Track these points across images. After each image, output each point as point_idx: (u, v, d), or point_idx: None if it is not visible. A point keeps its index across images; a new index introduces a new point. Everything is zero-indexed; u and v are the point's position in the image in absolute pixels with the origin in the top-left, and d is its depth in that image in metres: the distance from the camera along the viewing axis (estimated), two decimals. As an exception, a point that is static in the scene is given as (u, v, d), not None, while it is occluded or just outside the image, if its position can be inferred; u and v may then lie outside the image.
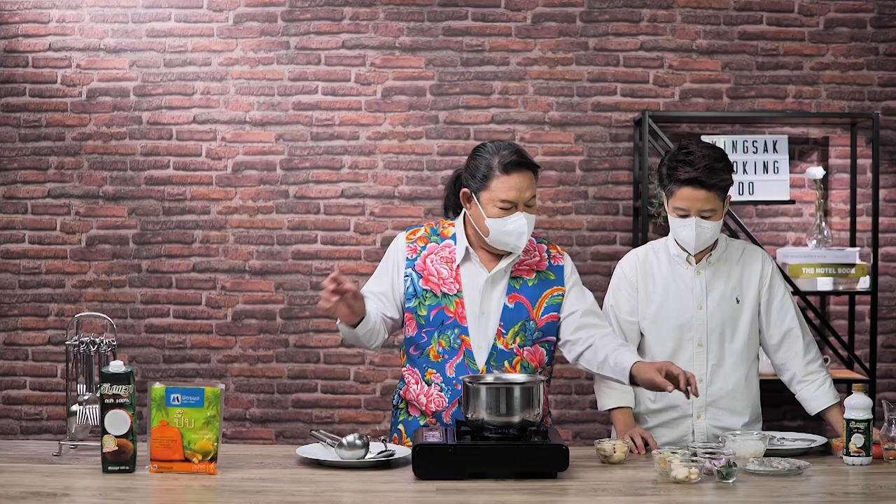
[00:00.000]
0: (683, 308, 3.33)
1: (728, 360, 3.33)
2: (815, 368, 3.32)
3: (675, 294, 3.34)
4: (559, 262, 3.25)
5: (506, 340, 3.15)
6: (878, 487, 2.69)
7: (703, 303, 3.32)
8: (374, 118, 4.91)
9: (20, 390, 4.95)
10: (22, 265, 4.93)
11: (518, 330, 3.16)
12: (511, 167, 3.07)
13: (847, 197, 4.90)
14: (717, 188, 3.20)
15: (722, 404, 3.32)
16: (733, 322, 3.33)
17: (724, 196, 3.24)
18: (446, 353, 3.14)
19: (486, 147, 3.14)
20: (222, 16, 4.89)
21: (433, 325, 3.16)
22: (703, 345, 3.32)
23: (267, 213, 4.91)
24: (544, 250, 3.26)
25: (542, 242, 3.28)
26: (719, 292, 3.33)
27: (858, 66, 4.90)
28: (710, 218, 3.22)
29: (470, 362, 3.13)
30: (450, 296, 3.15)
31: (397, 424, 3.26)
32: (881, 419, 3.04)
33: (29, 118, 4.91)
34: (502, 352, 3.15)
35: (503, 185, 3.07)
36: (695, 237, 3.24)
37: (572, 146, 4.91)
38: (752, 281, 3.34)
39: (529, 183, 3.09)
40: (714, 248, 3.35)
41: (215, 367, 4.94)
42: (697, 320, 3.32)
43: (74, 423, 3.01)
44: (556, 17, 4.89)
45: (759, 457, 2.92)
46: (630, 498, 2.61)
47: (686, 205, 3.22)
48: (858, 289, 4.68)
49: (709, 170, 3.18)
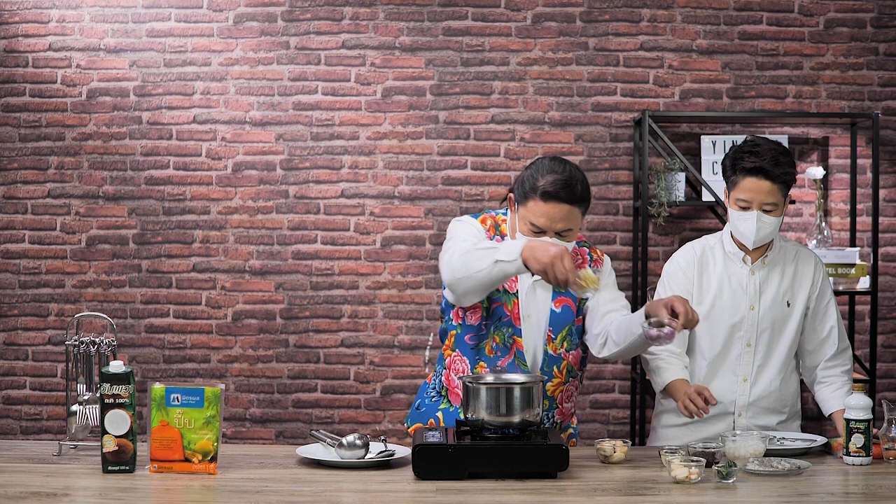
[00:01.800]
0: (736, 307, 3.31)
1: (773, 361, 3.32)
2: (837, 372, 3.32)
3: (728, 293, 3.32)
4: (599, 266, 3.24)
5: (555, 345, 3.13)
6: (878, 487, 2.69)
7: (755, 303, 3.30)
8: (374, 118, 4.91)
9: (20, 390, 4.95)
10: (22, 265, 4.93)
11: (566, 334, 3.15)
12: (548, 197, 3.00)
13: (847, 197, 4.90)
14: (781, 181, 3.18)
15: (763, 404, 3.32)
16: (782, 324, 3.31)
17: (786, 192, 3.22)
18: (499, 351, 3.13)
19: (540, 164, 3.06)
20: (222, 16, 4.89)
21: (492, 320, 3.14)
22: (752, 345, 3.30)
23: (267, 213, 4.91)
24: (586, 253, 3.24)
25: (583, 246, 3.25)
26: (772, 294, 3.31)
27: (858, 66, 4.90)
28: (772, 213, 3.20)
29: (521, 363, 3.12)
30: (510, 294, 3.13)
31: (435, 412, 3.22)
32: (881, 419, 3.04)
33: (29, 118, 4.91)
34: (552, 357, 3.13)
35: (537, 209, 3.02)
36: (755, 231, 3.21)
37: (572, 146, 4.91)
38: (803, 285, 3.33)
39: (565, 215, 3.01)
40: (770, 249, 3.32)
41: (215, 367, 4.94)
42: (749, 321, 3.30)
43: (74, 423, 3.01)
44: (556, 17, 4.89)
45: (759, 457, 2.92)
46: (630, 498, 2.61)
47: (749, 196, 3.20)
48: (858, 289, 4.68)
49: (774, 161, 3.16)
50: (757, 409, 3.32)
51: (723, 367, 3.32)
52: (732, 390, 3.31)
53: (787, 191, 3.23)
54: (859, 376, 4.66)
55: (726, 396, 3.30)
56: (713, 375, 3.33)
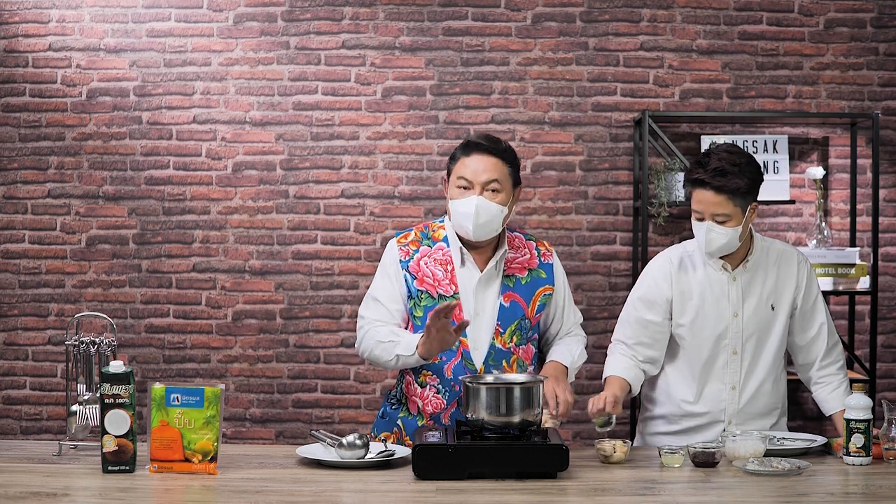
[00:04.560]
0: (719, 316, 3.26)
1: (760, 367, 3.28)
2: (832, 371, 3.31)
3: (711, 301, 3.27)
4: (549, 259, 3.27)
5: (503, 339, 3.15)
6: (878, 487, 2.69)
7: (738, 310, 3.26)
8: (374, 118, 4.91)
9: (20, 390, 4.95)
10: (22, 265, 4.93)
11: (515, 329, 3.17)
12: (471, 148, 3.14)
13: (847, 197, 4.90)
14: (727, 192, 3.10)
15: (753, 409, 3.29)
16: (768, 328, 3.28)
17: (740, 202, 3.13)
18: (444, 356, 3.13)
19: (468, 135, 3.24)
20: (222, 16, 4.89)
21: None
22: (738, 353, 3.27)
23: (267, 213, 4.92)
24: (533, 247, 3.27)
25: (530, 240, 3.29)
26: (755, 299, 3.27)
27: (858, 66, 4.90)
28: (725, 223, 3.14)
29: (468, 363, 3.13)
30: (447, 298, 3.15)
31: (396, 420, 3.25)
32: (881, 419, 3.04)
33: (29, 118, 4.91)
34: (500, 351, 3.15)
35: (463, 165, 3.14)
36: (705, 242, 3.18)
37: (572, 146, 4.91)
38: (787, 286, 3.29)
39: (489, 166, 3.11)
40: (750, 253, 3.27)
41: (215, 367, 4.94)
42: (733, 328, 3.26)
43: (74, 423, 3.01)
44: (556, 17, 4.89)
45: (759, 457, 2.92)
46: (630, 498, 2.61)
47: (699, 207, 3.17)
48: (858, 289, 4.68)
49: (718, 172, 3.10)
50: (747, 416, 3.29)
51: (710, 376, 3.29)
52: (721, 398, 3.28)
53: (742, 201, 3.14)
54: (859, 376, 4.66)
55: (716, 405, 3.28)
56: (701, 385, 3.30)
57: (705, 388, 3.30)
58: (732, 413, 3.29)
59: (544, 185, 4.89)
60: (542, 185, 4.89)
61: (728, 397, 3.28)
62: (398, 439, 3.20)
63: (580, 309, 3.45)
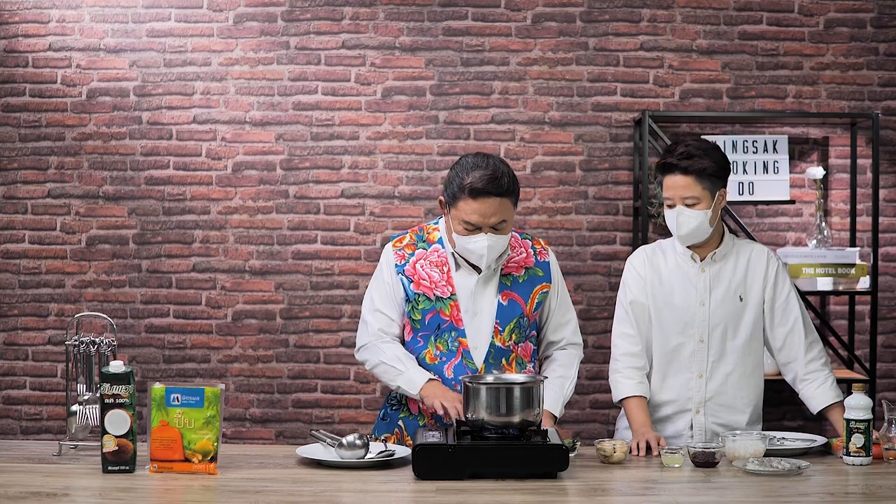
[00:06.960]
0: (686, 304, 3.34)
1: (729, 357, 3.34)
2: (816, 367, 3.32)
3: (679, 290, 3.36)
4: (545, 257, 3.29)
5: (503, 338, 3.16)
6: (878, 487, 2.69)
7: (705, 300, 3.34)
8: (374, 118, 4.91)
9: (20, 390, 4.95)
10: (22, 265, 4.93)
11: (514, 327, 3.18)
12: (476, 193, 3.05)
13: (847, 197, 4.90)
14: (693, 172, 3.23)
15: (721, 400, 3.33)
16: (736, 319, 3.34)
17: (708, 185, 3.25)
18: (444, 356, 3.15)
19: (464, 163, 3.12)
20: (222, 16, 4.89)
21: (429, 330, 3.17)
22: (704, 341, 3.33)
23: (267, 213, 4.92)
24: (529, 246, 3.29)
25: (526, 238, 3.31)
26: (723, 289, 3.34)
27: (858, 66, 4.90)
28: (694, 206, 3.25)
29: (468, 363, 3.14)
30: (444, 299, 3.16)
31: (397, 421, 3.25)
32: (881, 419, 3.04)
33: (29, 118, 4.91)
34: (500, 349, 3.16)
35: (468, 207, 3.07)
36: (676, 226, 3.28)
37: (572, 146, 4.91)
38: (756, 279, 3.35)
39: (496, 209, 3.07)
40: (719, 246, 3.36)
41: (215, 367, 4.94)
42: (700, 317, 3.33)
43: (74, 423, 3.01)
44: (556, 17, 4.89)
45: (759, 457, 2.92)
46: (630, 498, 2.61)
47: (669, 193, 3.30)
48: (858, 289, 4.68)
49: (685, 156, 3.24)
50: (715, 406, 3.33)
51: (676, 363, 3.35)
52: (688, 387, 3.34)
53: (710, 184, 3.25)
54: (859, 376, 4.66)
55: (682, 393, 3.34)
56: (668, 372, 3.36)
57: (672, 375, 3.35)
58: (699, 402, 3.33)
59: (544, 185, 4.89)
60: (542, 185, 4.89)
61: (695, 385, 3.34)
62: (399, 440, 3.20)
63: (580, 309, 3.47)
